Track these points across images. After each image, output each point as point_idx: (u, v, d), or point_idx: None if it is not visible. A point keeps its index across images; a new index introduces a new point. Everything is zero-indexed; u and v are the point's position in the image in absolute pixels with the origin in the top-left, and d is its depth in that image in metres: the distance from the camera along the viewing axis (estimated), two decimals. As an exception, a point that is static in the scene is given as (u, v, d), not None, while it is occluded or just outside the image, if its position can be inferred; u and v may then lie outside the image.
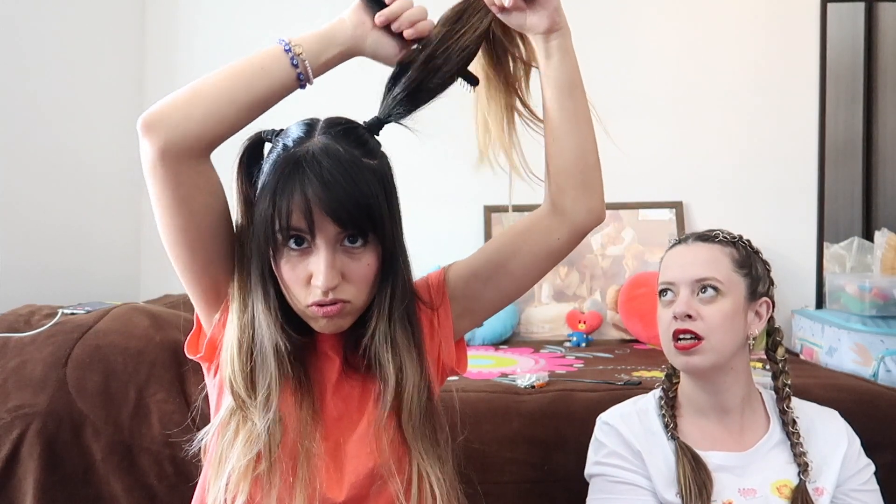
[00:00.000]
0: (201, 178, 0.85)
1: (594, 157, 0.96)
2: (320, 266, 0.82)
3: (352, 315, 0.88)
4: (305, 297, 0.85)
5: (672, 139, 2.44)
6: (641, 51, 2.42)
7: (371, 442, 0.89)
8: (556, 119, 0.94)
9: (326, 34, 0.88)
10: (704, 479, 1.08)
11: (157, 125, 0.80)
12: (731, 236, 1.18)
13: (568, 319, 2.32)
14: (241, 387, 0.86)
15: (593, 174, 0.96)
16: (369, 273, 0.86)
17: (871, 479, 1.16)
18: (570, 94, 0.93)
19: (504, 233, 1.00)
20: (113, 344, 1.49)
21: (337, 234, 0.83)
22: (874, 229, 2.50)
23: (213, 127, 0.82)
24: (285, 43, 0.86)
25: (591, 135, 0.96)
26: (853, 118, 2.68)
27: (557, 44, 0.92)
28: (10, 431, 1.38)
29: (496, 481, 1.42)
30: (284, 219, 0.81)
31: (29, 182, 1.96)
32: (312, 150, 0.83)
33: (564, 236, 0.96)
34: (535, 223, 0.98)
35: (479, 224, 2.43)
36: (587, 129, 0.95)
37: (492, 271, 0.97)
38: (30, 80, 1.97)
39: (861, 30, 2.67)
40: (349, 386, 0.92)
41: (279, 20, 2.40)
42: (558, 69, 0.93)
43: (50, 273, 2.00)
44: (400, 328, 0.90)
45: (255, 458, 0.84)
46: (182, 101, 0.82)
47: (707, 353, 1.10)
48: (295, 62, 0.85)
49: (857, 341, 1.87)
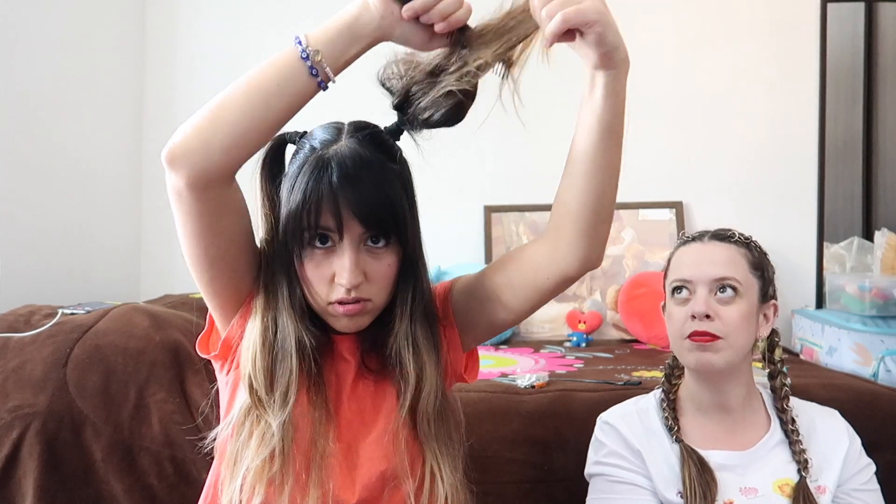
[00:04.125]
0: (227, 200, 0.84)
1: (607, 212, 0.88)
2: (345, 264, 0.84)
3: (371, 314, 0.89)
4: (328, 294, 0.86)
5: (672, 139, 2.44)
6: (641, 50, 2.40)
7: (387, 445, 0.89)
8: (578, 154, 0.87)
9: (349, 27, 0.80)
10: (709, 481, 1.08)
11: (182, 159, 0.78)
12: (744, 237, 1.18)
13: (568, 319, 2.32)
14: (262, 384, 0.86)
15: (600, 227, 0.89)
16: (390, 273, 0.88)
17: (871, 478, 1.16)
18: (602, 136, 0.85)
19: (503, 258, 0.98)
20: (113, 344, 1.48)
21: (361, 234, 0.85)
22: (874, 229, 2.50)
23: (237, 154, 0.80)
24: (302, 48, 0.79)
25: (611, 187, 0.87)
26: (853, 118, 2.68)
27: (604, 82, 0.83)
28: (10, 431, 1.38)
29: (496, 481, 1.42)
30: (313, 217, 0.83)
31: (29, 182, 1.96)
32: (342, 153, 0.84)
33: (552, 279, 0.91)
34: (529, 256, 0.93)
35: (479, 224, 2.43)
36: (609, 179, 0.87)
37: (487, 295, 0.95)
38: (29, 80, 1.96)
39: (861, 30, 2.68)
40: (363, 388, 0.93)
41: (279, 20, 2.40)
42: (598, 108, 0.84)
43: (50, 273, 2.00)
44: (421, 329, 0.91)
45: (269, 457, 0.84)
46: (203, 130, 0.78)
47: (723, 352, 1.09)
48: (315, 71, 0.79)
49: (857, 341, 1.87)
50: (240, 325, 0.91)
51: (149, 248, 2.37)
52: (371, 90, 0.91)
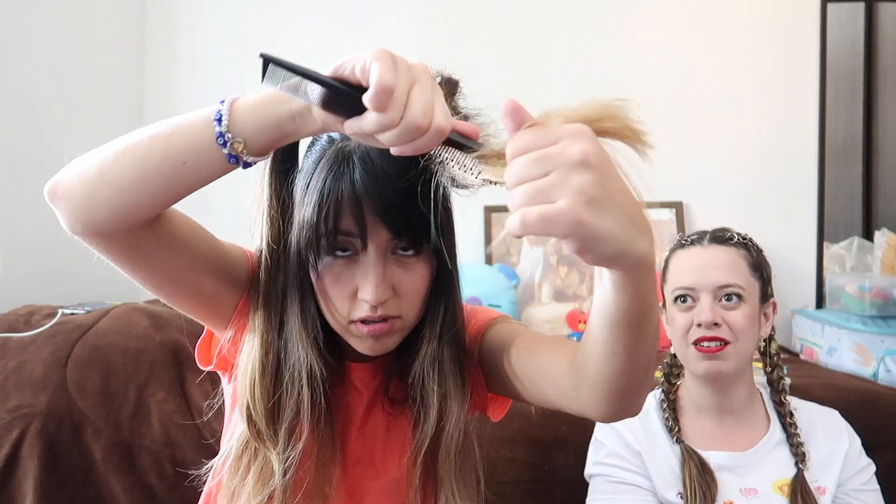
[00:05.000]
0: (150, 242, 0.68)
1: (633, 386, 0.66)
2: (369, 277, 0.71)
3: (400, 334, 0.77)
4: (350, 312, 0.74)
5: (672, 139, 2.44)
6: (641, 50, 2.42)
7: (398, 491, 0.80)
8: (592, 337, 0.65)
9: (285, 124, 0.62)
10: (709, 482, 1.08)
11: (63, 201, 0.65)
12: (742, 236, 1.17)
13: (568, 319, 2.32)
14: (262, 416, 0.75)
15: (624, 399, 0.68)
16: (422, 286, 0.76)
17: (871, 478, 1.16)
18: (616, 329, 0.62)
19: (537, 343, 0.79)
20: (113, 344, 1.49)
21: (389, 241, 0.72)
22: (874, 229, 2.50)
23: (121, 218, 0.65)
24: (219, 129, 0.61)
25: (637, 376, 0.65)
26: (853, 118, 2.68)
27: (614, 278, 0.58)
28: (10, 431, 1.38)
29: (496, 481, 1.42)
30: (331, 221, 0.70)
31: (29, 182, 1.95)
32: (365, 145, 0.70)
33: (575, 411, 0.74)
34: (553, 374, 0.75)
35: (480, 224, 2.43)
36: (632, 368, 0.64)
37: (512, 369, 0.79)
38: (29, 80, 1.96)
39: (861, 30, 2.67)
40: (374, 423, 0.83)
41: (279, 19, 2.40)
42: (608, 300, 0.60)
43: (50, 273, 2.00)
44: (448, 353, 0.79)
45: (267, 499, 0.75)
46: (87, 179, 0.64)
47: (731, 359, 1.09)
48: (233, 159, 0.62)
49: (857, 341, 1.87)
50: (234, 341, 0.80)
51: (149, 248, 2.37)
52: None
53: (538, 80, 2.31)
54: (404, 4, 2.39)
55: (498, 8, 2.38)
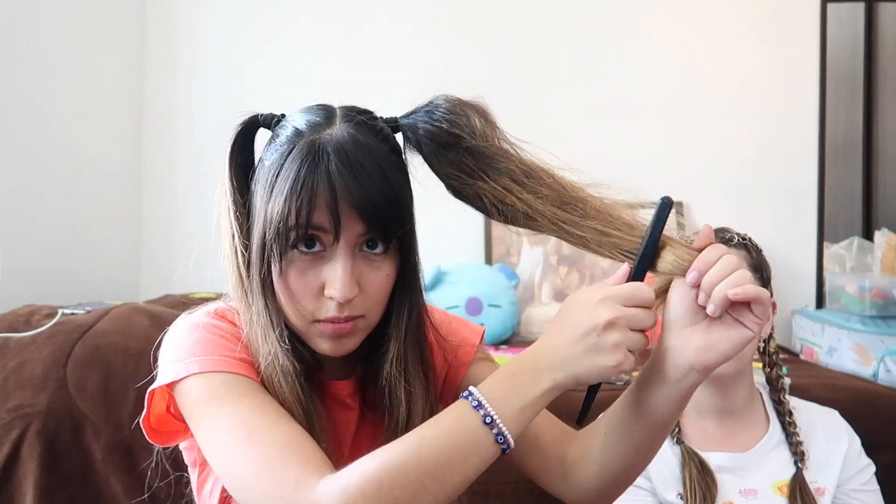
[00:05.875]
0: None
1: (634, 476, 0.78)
2: (338, 272, 0.70)
3: (362, 333, 0.76)
4: (315, 310, 0.72)
5: (672, 139, 2.44)
6: (641, 50, 2.42)
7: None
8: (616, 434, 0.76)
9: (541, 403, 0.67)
10: (710, 483, 1.08)
11: None
12: (742, 237, 1.17)
13: (568, 319, 2.32)
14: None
15: (618, 491, 0.79)
16: (387, 286, 0.74)
17: (871, 479, 1.16)
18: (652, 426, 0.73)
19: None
20: (113, 344, 1.48)
21: (359, 236, 0.71)
22: (874, 229, 2.50)
23: None
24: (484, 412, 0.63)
25: (641, 468, 0.77)
26: (853, 118, 2.69)
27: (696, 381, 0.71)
28: (10, 431, 1.38)
29: (496, 481, 1.42)
30: (304, 214, 0.68)
31: (29, 182, 1.96)
32: (340, 138, 0.70)
33: (543, 483, 0.84)
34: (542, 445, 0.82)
35: (479, 224, 2.43)
36: (643, 460, 0.76)
37: None
38: (29, 79, 1.96)
39: (861, 30, 2.68)
40: (364, 437, 0.81)
41: (279, 19, 2.39)
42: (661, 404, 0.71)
43: (50, 273, 2.00)
44: (412, 354, 0.78)
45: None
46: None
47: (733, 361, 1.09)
48: (501, 439, 0.64)
49: (857, 341, 1.87)
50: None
51: (149, 248, 2.37)
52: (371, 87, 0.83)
53: (539, 81, 2.31)
54: (405, 5, 2.39)
55: (498, 8, 2.38)
